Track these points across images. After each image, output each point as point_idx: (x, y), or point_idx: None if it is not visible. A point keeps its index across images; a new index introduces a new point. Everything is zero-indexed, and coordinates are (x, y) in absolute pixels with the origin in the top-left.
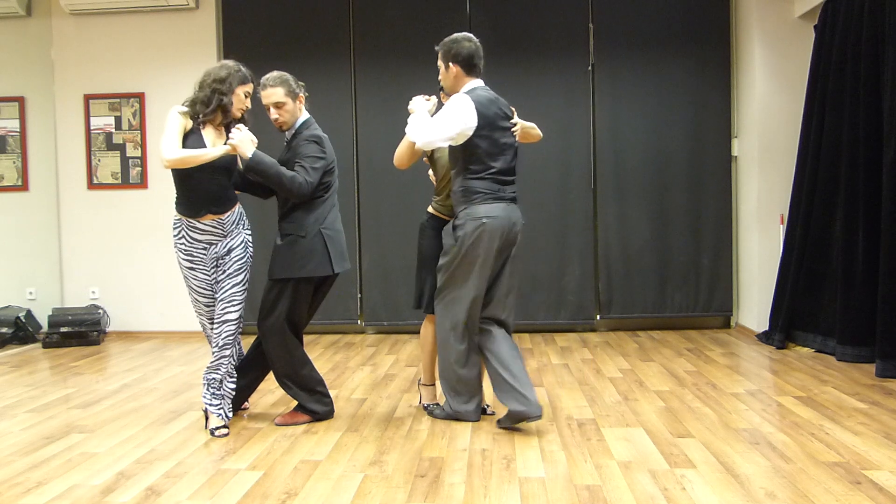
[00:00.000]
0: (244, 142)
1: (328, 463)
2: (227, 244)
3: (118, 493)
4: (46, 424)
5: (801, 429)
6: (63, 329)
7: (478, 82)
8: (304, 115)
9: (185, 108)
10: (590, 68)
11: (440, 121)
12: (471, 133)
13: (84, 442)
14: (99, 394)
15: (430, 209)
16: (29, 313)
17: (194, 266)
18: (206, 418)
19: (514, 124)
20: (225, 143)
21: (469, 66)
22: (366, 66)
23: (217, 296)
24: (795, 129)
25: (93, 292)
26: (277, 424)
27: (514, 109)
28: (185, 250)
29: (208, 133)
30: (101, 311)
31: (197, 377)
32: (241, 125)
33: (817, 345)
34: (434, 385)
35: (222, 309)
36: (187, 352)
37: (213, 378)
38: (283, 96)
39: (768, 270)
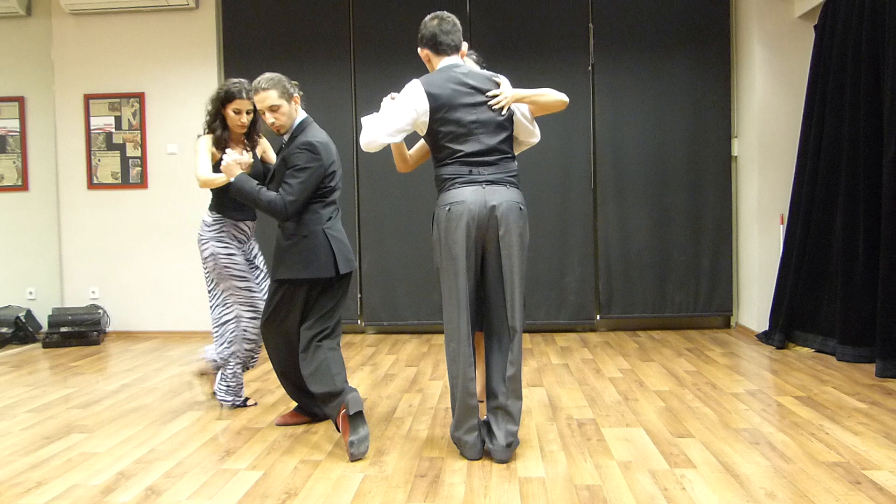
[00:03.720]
0: (229, 166)
1: (328, 463)
2: (251, 247)
3: (118, 493)
4: (46, 424)
5: (801, 429)
6: (63, 329)
7: (450, 60)
8: (301, 115)
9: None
10: (590, 68)
11: (384, 115)
12: (426, 119)
13: (84, 442)
14: (99, 394)
15: None
16: (29, 313)
17: (233, 253)
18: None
19: (493, 97)
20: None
21: (434, 46)
22: (366, 66)
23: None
24: (795, 129)
25: (93, 292)
26: (277, 424)
27: (500, 81)
28: (226, 242)
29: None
30: (101, 311)
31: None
32: (228, 150)
33: (817, 345)
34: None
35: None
36: (187, 352)
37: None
38: (277, 98)
39: (768, 270)
